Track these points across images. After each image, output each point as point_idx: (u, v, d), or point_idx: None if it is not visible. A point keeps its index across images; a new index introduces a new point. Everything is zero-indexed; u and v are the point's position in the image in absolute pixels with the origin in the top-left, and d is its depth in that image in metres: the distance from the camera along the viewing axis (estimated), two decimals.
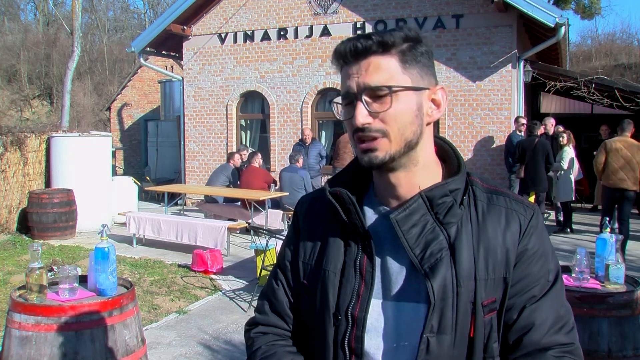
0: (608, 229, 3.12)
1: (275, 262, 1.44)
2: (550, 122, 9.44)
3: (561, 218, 9.16)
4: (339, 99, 1.13)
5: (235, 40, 11.82)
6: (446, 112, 10.12)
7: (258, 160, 9.27)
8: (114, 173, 13.87)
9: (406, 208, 1.09)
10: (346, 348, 1.11)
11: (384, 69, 1.06)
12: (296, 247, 1.25)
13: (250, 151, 10.09)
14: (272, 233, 5.76)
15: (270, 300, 1.26)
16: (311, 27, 11.09)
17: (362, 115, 1.05)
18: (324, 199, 1.17)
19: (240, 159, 9.90)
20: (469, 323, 1.07)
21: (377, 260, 1.12)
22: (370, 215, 1.17)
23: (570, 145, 8.89)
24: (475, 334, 1.08)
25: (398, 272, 1.10)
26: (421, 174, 1.12)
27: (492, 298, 1.09)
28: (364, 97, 1.05)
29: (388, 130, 1.06)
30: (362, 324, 1.10)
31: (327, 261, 1.16)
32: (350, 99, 1.08)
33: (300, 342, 1.23)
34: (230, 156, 9.98)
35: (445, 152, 1.18)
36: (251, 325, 1.28)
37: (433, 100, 1.12)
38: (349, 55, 1.07)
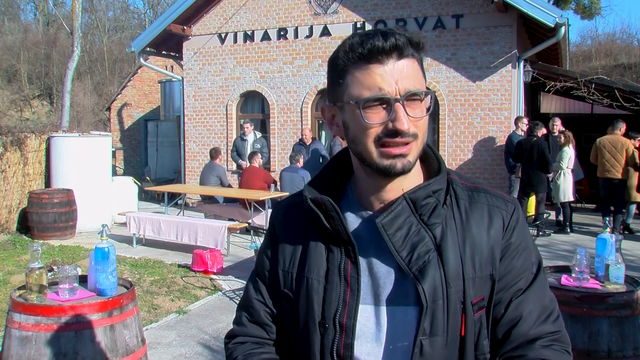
0: (608, 229, 3.12)
1: None
2: (555, 123, 9.38)
3: (561, 218, 9.16)
4: (370, 100, 1.02)
5: (235, 40, 11.83)
6: (446, 112, 10.12)
7: (258, 160, 9.27)
8: (114, 173, 13.87)
9: (391, 211, 1.07)
10: (335, 356, 1.09)
11: (417, 72, 1.04)
12: (274, 254, 1.22)
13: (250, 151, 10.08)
14: None
15: (249, 311, 1.24)
16: (311, 27, 11.09)
17: (406, 120, 1.01)
18: (302, 205, 1.15)
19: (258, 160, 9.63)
20: (459, 323, 1.07)
21: (363, 266, 1.10)
22: (352, 220, 1.14)
23: (570, 145, 8.90)
24: (466, 333, 1.08)
25: (385, 276, 1.09)
26: (410, 176, 1.11)
27: (481, 296, 1.09)
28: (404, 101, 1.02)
29: (419, 134, 1.05)
30: (351, 331, 1.08)
31: (310, 269, 1.13)
32: (382, 101, 1.02)
33: (285, 351, 1.21)
34: (214, 153, 9.89)
35: (424, 153, 1.16)
36: (230, 337, 1.26)
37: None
38: (390, 52, 1.00)
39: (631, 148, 8.61)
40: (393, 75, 1.00)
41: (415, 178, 1.13)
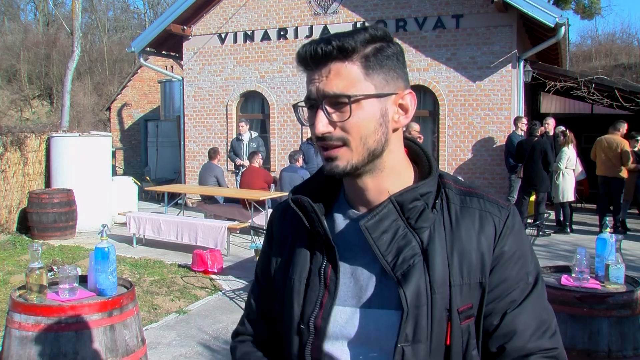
0: (608, 229, 3.12)
1: None
2: (550, 123, 9.48)
3: (561, 218, 9.17)
4: (302, 102, 1.09)
5: (235, 40, 11.83)
6: (446, 112, 10.13)
7: (258, 160, 9.27)
8: (114, 173, 13.87)
9: (376, 214, 1.05)
10: (308, 358, 1.09)
11: (344, 76, 1.01)
12: (269, 255, 1.23)
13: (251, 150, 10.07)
14: None
15: (248, 310, 1.29)
16: (311, 27, 11.09)
17: (322, 124, 1.02)
18: None
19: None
20: (445, 331, 1.04)
21: (345, 268, 1.09)
22: (340, 221, 1.14)
23: (570, 146, 8.90)
24: (451, 342, 1.05)
25: (368, 279, 1.08)
26: (389, 178, 1.09)
27: (469, 304, 1.06)
28: (325, 105, 1.02)
29: (349, 139, 1.02)
30: (323, 333, 1.08)
31: (294, 270, 1.13)
32: (312, 104, 1.05)
33: (275, 351, 1.22)
34: (212, 154, 9.90)
35: (417, 155, 1.15)
36: (234, 336, 1.31)
37: (400, 106, 1.07)
38: (309, 60, 1.03)
39: (626, 148, 8.71)
40: (319, 79, 1.03)
41: (401, 179, 1.10)
